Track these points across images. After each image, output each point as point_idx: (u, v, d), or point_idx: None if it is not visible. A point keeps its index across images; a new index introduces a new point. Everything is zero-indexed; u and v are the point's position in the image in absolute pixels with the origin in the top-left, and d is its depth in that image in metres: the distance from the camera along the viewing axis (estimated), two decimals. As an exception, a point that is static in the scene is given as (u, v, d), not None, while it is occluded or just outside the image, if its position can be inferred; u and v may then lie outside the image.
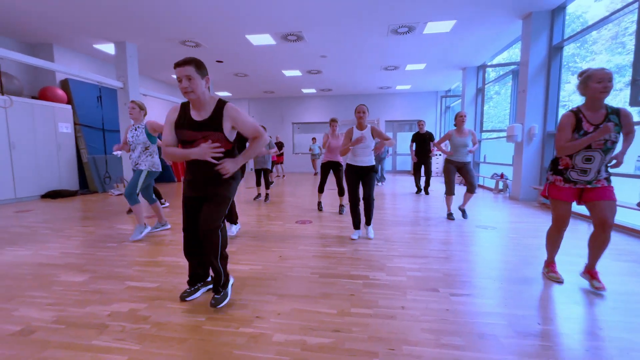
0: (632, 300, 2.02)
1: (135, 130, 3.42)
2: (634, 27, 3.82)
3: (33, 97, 6.57)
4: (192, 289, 2.09)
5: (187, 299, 2.04)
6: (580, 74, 2.11)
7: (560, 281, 2.29)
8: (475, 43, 6.94)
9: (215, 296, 1.96)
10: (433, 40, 6.74)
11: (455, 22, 5.84)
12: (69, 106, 6.91)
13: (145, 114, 3.54)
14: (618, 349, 1.53)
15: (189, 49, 7.18)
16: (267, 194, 6.00)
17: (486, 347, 1.53)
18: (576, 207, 2.34)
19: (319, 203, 5.15)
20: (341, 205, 4.89)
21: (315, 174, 12.09)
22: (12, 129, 5.84)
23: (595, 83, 2.01)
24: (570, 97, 7.33)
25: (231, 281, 2.14)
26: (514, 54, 7.87)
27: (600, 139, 2.02)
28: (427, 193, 6.76)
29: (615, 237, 3.47)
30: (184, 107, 1.87)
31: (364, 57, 7.90)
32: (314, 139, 11.89)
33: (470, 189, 4.27)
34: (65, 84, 7.05)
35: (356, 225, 3.49)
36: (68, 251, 3.05)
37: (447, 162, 4.39)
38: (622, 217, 3.93)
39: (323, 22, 5.80)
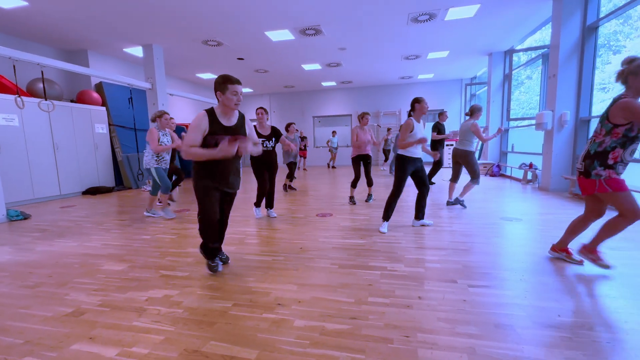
0: (665, 294, 1.94)
1: (165, 136, 4.15)
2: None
3: (72, 101, 7.07)
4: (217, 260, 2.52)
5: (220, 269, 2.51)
6: (629, 61, 1.97)
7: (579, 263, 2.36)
8: (502, 27, 6.63)
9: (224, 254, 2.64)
10: (456, 26, 6.50)
11: (480, 6, 5.59)
12: (104, 108, 7.37)
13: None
14: (643, 342, 1.49)
15: (211, 48, 7.40)
16: (288, 185, 6.47)
17: (501, 336, 1.55)
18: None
19: (352, 197, 5.10)
20: (369, 195, 5.07)
21: (328, 166, 12.21)
22: (55, 131, 6.34)
23: None
24: (611, 79, 6.81)
25: None
26: (547, 34, 7.41)
27: None
28: (431, 183, 6.33)
29: (653, 229, 3.28)
30: (212, 115, 2.08)
31: (384, 47, 7.78)
32: (334, 132, 11.93)
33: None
34: (99, 87, 7.51)
35: (388, 217, 3.48)
36: (108, 243, 3.33)
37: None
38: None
39: (341, 14, 5.77)
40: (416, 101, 3.33)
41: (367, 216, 4.18)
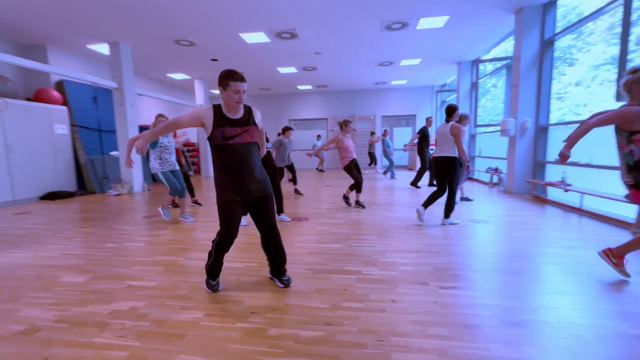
0: (614, 290, 2.11)
1: (166, 137, 4.05)
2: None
3: (28, 99, 6.58)
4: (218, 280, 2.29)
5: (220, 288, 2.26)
6: (633, 71, 1.97)
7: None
8: (469, 38, 6.97)
9: (286, 275, 2.31)
10: (427, 35, 6.76)
11: (449, 18, 5.86)
12: (65, 107, 6.92)
13: None
14: (596, 336, 1.61)
15: (183, 48, 7.18)
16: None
17: (470, 336, 1.61)
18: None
19: (348, 198, 5.22)
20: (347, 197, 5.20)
21: (319, 169, 12.30)
22: (9, 131, 5.86)
23: None
24: (567, 89, 7.36)
25: None
26: (510, 46, 7.89)
27: None
28: (417, 187, 7.11)
29: (604, 229, 3.56)
30: (217, 110, 2.03)
31: (359, 53, 7.92)
32: (318, 136, 12.09)
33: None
34: (60, 86, 7.05)
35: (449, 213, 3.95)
36: (69, 252, 3.11)
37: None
38: (614, 209, 4.03)
39: (316, 19, 5.82)
40: (456, 108, 3.79)
41: (343, 220, 4.20)
